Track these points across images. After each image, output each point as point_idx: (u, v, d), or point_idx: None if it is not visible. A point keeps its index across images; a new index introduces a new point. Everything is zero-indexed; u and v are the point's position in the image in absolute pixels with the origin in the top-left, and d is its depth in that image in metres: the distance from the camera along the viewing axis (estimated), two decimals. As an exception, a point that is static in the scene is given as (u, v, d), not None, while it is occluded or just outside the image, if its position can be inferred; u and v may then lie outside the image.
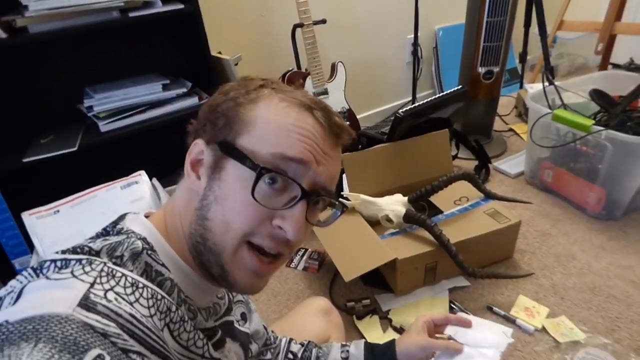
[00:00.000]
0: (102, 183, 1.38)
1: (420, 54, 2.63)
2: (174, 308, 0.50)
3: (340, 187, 1.78)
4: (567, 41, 3.11)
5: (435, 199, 1.60)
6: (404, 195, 1.56)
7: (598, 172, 1.64)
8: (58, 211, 1.21)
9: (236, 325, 0.69)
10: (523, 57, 2.57)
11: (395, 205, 1.53)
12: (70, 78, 1.63)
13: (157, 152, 1.74)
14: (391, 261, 1.37)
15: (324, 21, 2.05)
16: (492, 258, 1.57)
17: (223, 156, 0.51)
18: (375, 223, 1.55)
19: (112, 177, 1.40)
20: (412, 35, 2.38)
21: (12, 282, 0.45)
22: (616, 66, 2.43)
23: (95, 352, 0.38)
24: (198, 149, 0.53)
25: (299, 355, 0.87)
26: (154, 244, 0.52)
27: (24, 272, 0.46)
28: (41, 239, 1.15)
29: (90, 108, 1.52)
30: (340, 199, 0.52)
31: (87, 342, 0.38)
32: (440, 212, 1.59)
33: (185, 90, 1.69)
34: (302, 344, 0.89)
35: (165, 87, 1.64)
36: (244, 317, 0.74)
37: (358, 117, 2.27)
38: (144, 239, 0.52)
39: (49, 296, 0.41)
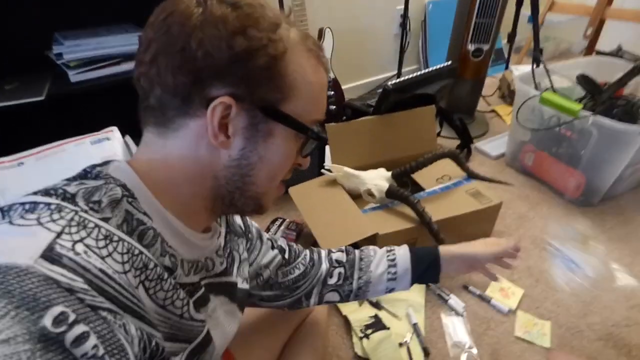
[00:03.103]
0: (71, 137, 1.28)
1: (409, 27, 2.57)
2: (151, 265, 0.46)
3: (322, 158, 1.73)
4: (555, 24, 3.09)
5: (417, 175, 1.58)
6: (386, 170, 1.53)
7: (580, 157, 1.64)
8: (22, 163, 1.12)
9: (240, 285, 0.69)
10: (512, 37, 2.53)
11: (378, 179, 1.49)
12: (39, 21, 1.49)
13: (131, 108, 1.62)
14: (371, 236, 1.34)
15: (314, -18, 1.97)
16: (471, 237, 1.53)
17: (267, 119, 0.50)
18: (356, 196, 1.51)
19: (82, 132, 1.30)
20: (402, 6, 2.31)
21: None
22: (600, 53, 2.43)
23: (57, 309, 0.34)
24: (224, 106, 0.47)
25: (343, 260, 0.89)
26: (135, 191, 0.48)
27: None
28: (3, 192, 1.06)
29: (59, 55, 1.40)
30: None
31: (48, 297, 0.34)
32: (422, 189, 1.57)
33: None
34: (341, 250, 0.92)
35: (142, 39, 1.53)
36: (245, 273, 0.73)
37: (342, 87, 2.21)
38: (123, 186, 0.48)
39: (9, 244, 0.37)
